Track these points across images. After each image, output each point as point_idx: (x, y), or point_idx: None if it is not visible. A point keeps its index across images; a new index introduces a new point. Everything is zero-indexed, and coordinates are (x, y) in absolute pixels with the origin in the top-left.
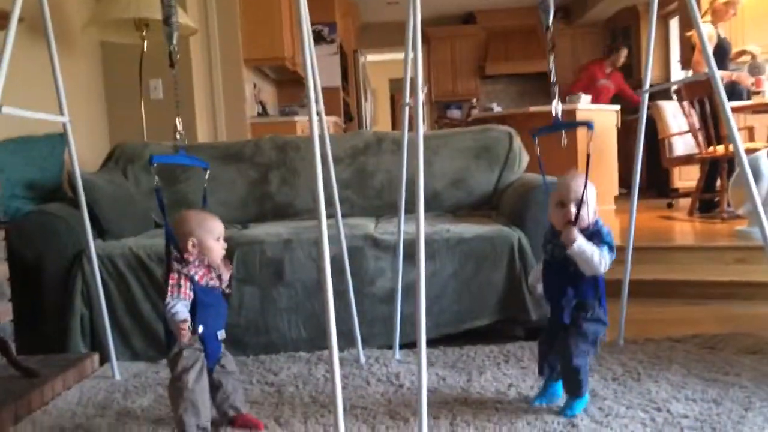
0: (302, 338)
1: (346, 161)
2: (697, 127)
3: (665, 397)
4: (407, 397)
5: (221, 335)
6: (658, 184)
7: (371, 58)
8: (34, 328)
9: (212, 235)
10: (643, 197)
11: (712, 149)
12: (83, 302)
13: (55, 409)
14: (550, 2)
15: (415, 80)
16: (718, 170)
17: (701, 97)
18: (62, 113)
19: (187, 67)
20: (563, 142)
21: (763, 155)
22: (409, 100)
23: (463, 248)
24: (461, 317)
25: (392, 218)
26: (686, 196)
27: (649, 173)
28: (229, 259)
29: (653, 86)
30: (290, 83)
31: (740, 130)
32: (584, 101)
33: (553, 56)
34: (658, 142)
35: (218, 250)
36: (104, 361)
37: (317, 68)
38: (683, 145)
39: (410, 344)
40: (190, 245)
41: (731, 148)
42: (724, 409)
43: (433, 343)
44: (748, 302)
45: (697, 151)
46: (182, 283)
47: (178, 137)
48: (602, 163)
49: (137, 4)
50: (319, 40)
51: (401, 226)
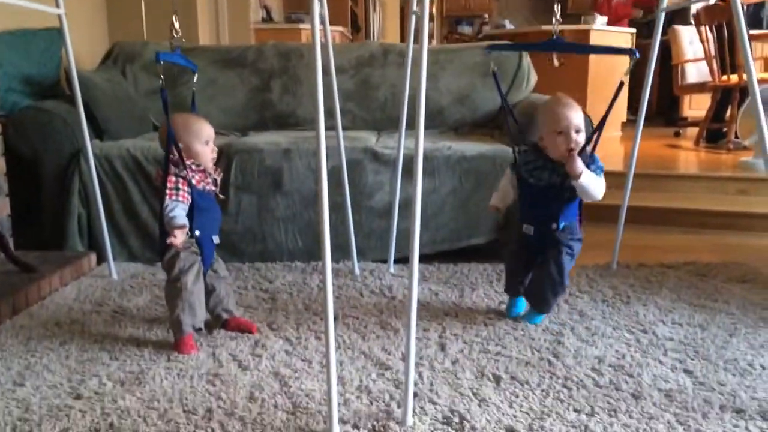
0: (298, 248)
1: (350, 72)
2: (712, 54)
3: (652, 319)
4: (399, 309)
5: (216, 239)
6: (667, 111)
7: None
8: (32, 225)
9: (199, 139)
10: (650, 125)
11: (725, 78)
12: (81, 202)
13: (52, 303)
14: None
15: None
16: (729, 100)
17: (720, 21)
18: (58, 5)
19: None
20: (555, 62)
21: None
22: (416, 7)
23: (463, 166)
24: (458, 235)
25: (394, 133)
26: (695, 125)
27: (659, 100)
28: (227, 164)
29: (670, 6)
30: None
31: (756, 60)
32: (599, 22)
33: None
34: (671, 68)
35: (207, 153)
36: (102, 260)
37: None
38: (696, 72)
39: (405, 259)
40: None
41: (745, 77)
42: (709, 333)
43: (428, 259)
44: (745, 233)
45: (710, 79)
46: (181, 186)
47: (174, 36)
48: (612, 87)
49: None
50: None
51: (401, 140)
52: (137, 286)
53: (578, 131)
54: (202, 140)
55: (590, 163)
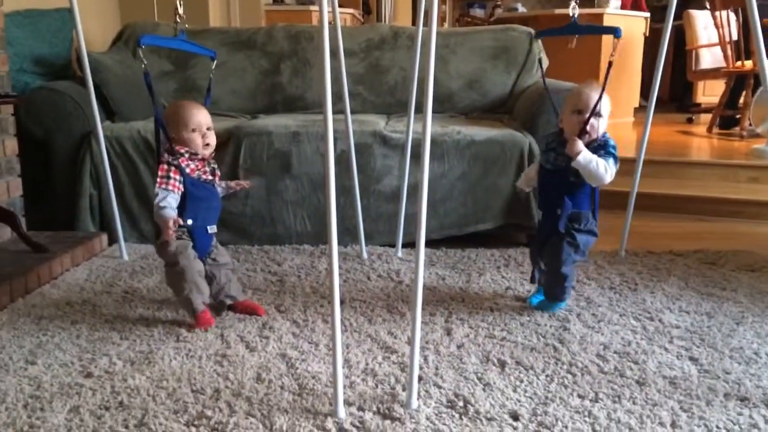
0: (307, 231)
1: (359, 55)
2: (727, 39)
3: (659, 307)
4: (406, 293)
5: (211, 229)
6: (680, 97)
7: None
8: (43, 205)
9: (186, 126)
10: (663, 111)
11: (740, 64)
12: (92, 183)
13: (63, 283)
14: None
15: None
16: (743, 87)
17: (736, 6)
18: None
19: None
20: (572, 44)
21: None
22: None
23: (472, 151)
24: (466, 220)
25: (403, 117)
26: (708, 111)
27: (672, 86)
28: (237, 147)
29: None
30: None
31: None
32: (613, 5)
33: None
34: (685, 53)
35: (195, 141)
36: (113, 241)
37: None
38: (711, 58)
39: (413, 243)
40: (172, 139)
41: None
42: (715, 321)
43: (436, 243)
44: (755, 221)
45: (724, 65)
46: (171, 175)
47: (177, 20)
48: (625, 72)
49: None
50: None
51: (410, 124)
52: (147, 267)
53: (597, 115)
54: (189, 128)
55: (600, 146)
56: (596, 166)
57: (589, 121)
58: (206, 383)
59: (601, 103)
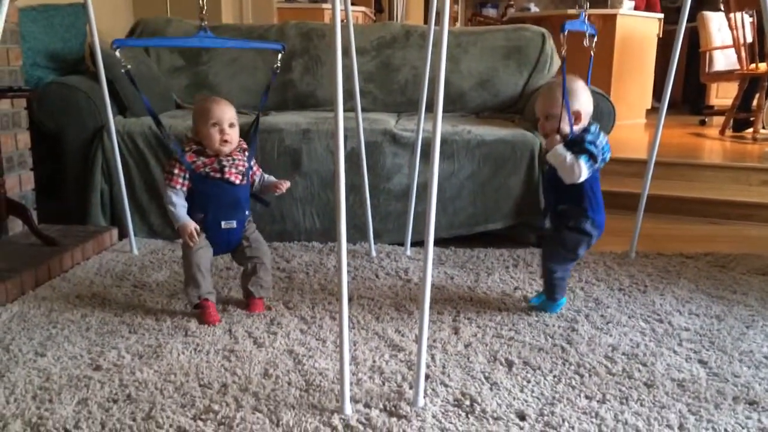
0: (316, 229)
1: (371, 53)
2: (741, 41)
3: (669, 309)
4: (414, 291)
5: (227, 225)
6: (693, 99)
7: None
8: (55, 199)
9: (205, 121)
10: (676, 113)
11: (753, 66)
12: (103, 177)
13: (73, 277)
14: None
15: None
16: (756, 89)
17: (751, 8)
18: None
19: None
20: (585, 42)
21: None
22: None
23: (482, 150)
24: (475, 219)
25: (414, 115)
26: (721, 113)
27: (685, 88)
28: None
29: None
30: None
31: None
32: (626, 6)
33: None
34: (698, 55)
35: (213, 136)
36: (123, 236)
37: None
38: (724, 60)
39: (422, 242)
40: (190, 133)
41: None
42: (725, 325)
43: (445, 243)
44: (766, 224)
45: (738, 67)
46: (175, 171)
47: (202, 16)
48: (638, 73)
49: None
50: None
51: (421, 123)
52: (157, 261)
53: (547, 117)
54: (208, 122)
55: (575, 143)
56: (563, 160)
57: (558, 127)
58: (214, 378)
59: (565, 103)
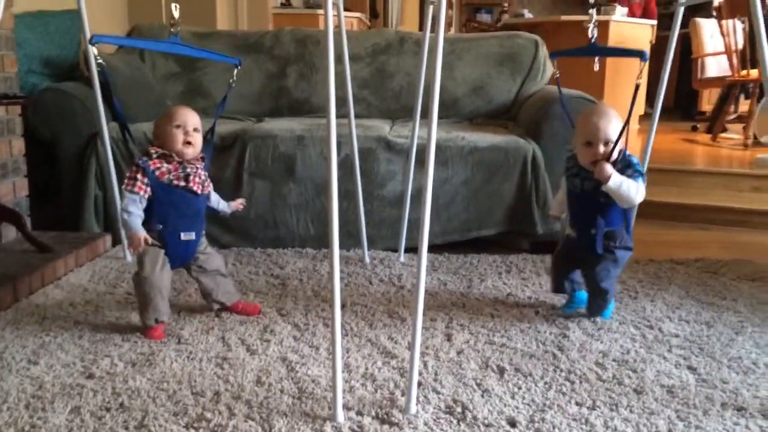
0: (310, 235)
1: (365, 60)
2: (733, 48)
3: (659, 316)
4: (407, 298)
5: (186, 236)
6: (686, 105)
7: None
8: (49, 205)
9: (170, 121)
10: (668, 118)
11: (745, 72)
12: (97, 184)
13: (67, 284)
14: None
15: None
16: (729, 96)
17: (742, 15)
18: None
19: None
20: (596, 66)
21: None
22: None
23: (476, 157)
24: (469, 225)
25: (408, 122)
26: (713, 119)
27: (677, 94)
28: (242, 150)
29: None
30: None
31: None
32: (619, 13)
33: None
34: (690, 61)
35: (176, 136)
36: (116, 242)
37: None
38: (716, 66)
39: (416, 248)
40: (155, 139)
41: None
42: (715, 331)
43: (438, 249)
44: (757, 231)
45: (729, 73)
46: (138, 176)
47: (172, 25)
48: (631, 79)
49: None
50: None
51: (415, 130)
52: None
53: (607, 143)
54: (171, 123)
55: (626, 167)
56: (627, 188)
57: (600, 151)
58: (206, 386)
59: (615, 130)
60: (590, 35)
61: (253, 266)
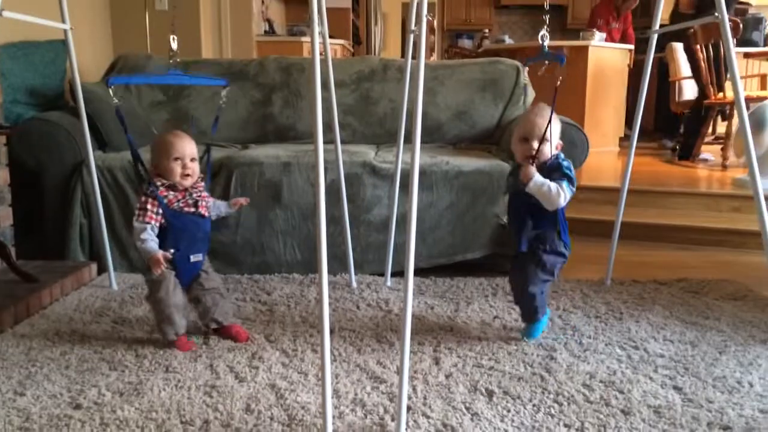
0: (297, 261)
1: (350, 86)
2: (705, 72)
3: (644, 336)
4: (395, 322)
5: (195, 258)
6: (666, 128)
7: None
8: (34, 234)
9: (167, 155)
10: (649, 140)
11: (721, 95)
12: (82, 212)
13: (52, 313)
14: None
15: (420, 6)
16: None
17: (716, 40)
18: (64, 20)
19: None
20: (559, 81)
21: None
22: (415, 26)
23: (460, 181)
24: (454, 249)
25: (393, 147)
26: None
27: (657, 116)
28: (228, 177)
29: (663, 27)
30: (299, 1)
31: (752, 77)
32: (597, 38)
33: None
34: (668, 84)
35: (175, 170)
36: (102, 270)
37: None
38: (692, 89)
39: (403, 272)
40: (153, 168)
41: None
42: (699, 351)
43: (425, 273)
44: (738, 250)
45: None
46: (149, 207)
47: (171, 55)
48: (610, 103)
49: None
50: None
51: (399, 155)
52: (137, 296)
53: (542, 140)
54: (170, 157)
55: (554, 169)
56: (548, 189)
57: (539, 148)
58: (195, 414)
59: (549, 128)
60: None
61: (240, 293)
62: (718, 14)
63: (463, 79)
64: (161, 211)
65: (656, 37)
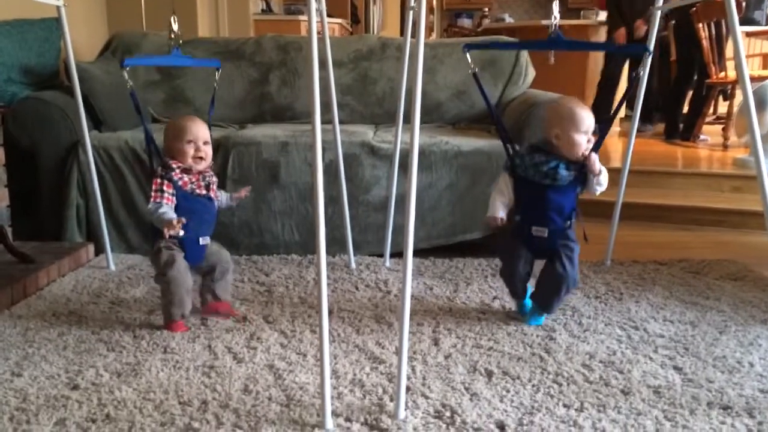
0: (295, 241)
1: (348, 66)
2: (708, 51)
3: (644, 316)
4: (394, 303)
5: (203, 241)
6: (666, 107)
7: None
8: (30, 215)
9: (179, 138)
10: (650, 121)
11: (723, 75)
12: (79, 193)
13: (49, 294)
14: None
15: None
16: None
17: (718, 18)
18: None
19: None
20: (551, 59)
21: None
22: (414, 3)
23: (460, 161)
24: (454, 229)
25: (391, 127)
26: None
27: (660, 96)
28: (225, 157)
29: (666, 3)
30: None
31: (754, 56)
32: (599, 17)
33: None
34: (669, 63)
35: (188, 152)
36: (99, 251)
37: None
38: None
39: (401, 253)
40: (165, 151)
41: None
42: (699, 331)
43: (424, 253)
44: (738, 230)
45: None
46: (164, 188)
47: (172, 36)
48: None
49: None
50: None
51: (398, 135)
52: (134, 277)
53: (593, 132)
54: (184, 140)
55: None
56: (606, 176)
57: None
58: (193, 395)
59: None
60: (551, 30)
61: (238, 273)
62: None
63: (462, 58)
64: (174, 193)
65: (659, 14)
